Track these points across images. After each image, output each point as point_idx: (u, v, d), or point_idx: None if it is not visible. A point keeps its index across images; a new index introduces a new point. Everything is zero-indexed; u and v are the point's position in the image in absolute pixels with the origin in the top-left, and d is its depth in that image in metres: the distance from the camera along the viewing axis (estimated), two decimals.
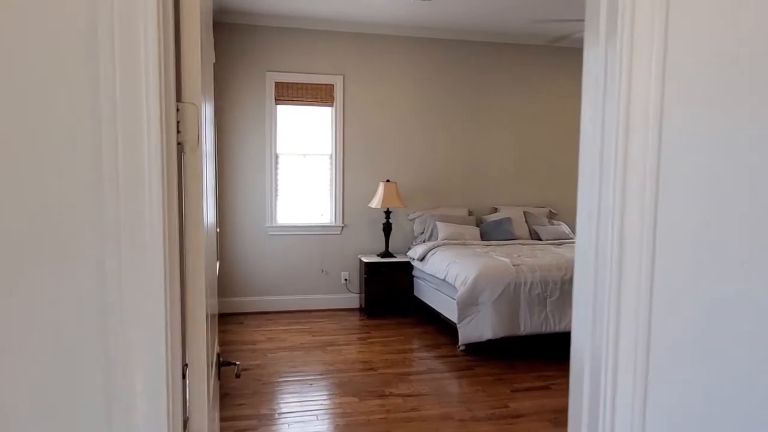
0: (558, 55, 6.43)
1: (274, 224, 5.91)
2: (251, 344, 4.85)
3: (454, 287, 4.56)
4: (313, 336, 5.11)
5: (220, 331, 5.17)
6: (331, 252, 6.07)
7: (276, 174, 5.90)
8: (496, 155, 6.39)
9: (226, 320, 5.54)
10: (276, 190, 5.91)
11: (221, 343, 4.83)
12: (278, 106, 5.85)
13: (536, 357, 4.50)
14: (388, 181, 5.78)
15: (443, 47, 6.14)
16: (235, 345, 4.82)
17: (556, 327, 4.36)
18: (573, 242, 5.99)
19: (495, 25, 5.84)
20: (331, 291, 6.11)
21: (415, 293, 5.79)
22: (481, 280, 4.32)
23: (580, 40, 6.33)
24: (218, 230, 5.54)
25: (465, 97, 6.26)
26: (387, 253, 5.88)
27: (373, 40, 5.98)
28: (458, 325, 4.35)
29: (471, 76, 6.25)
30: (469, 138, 6.31)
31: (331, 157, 6.02)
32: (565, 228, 6.12)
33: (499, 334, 4.25)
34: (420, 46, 6.09)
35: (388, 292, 5.78)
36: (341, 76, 5.93)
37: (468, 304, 4.31)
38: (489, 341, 4.31)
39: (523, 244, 5.60)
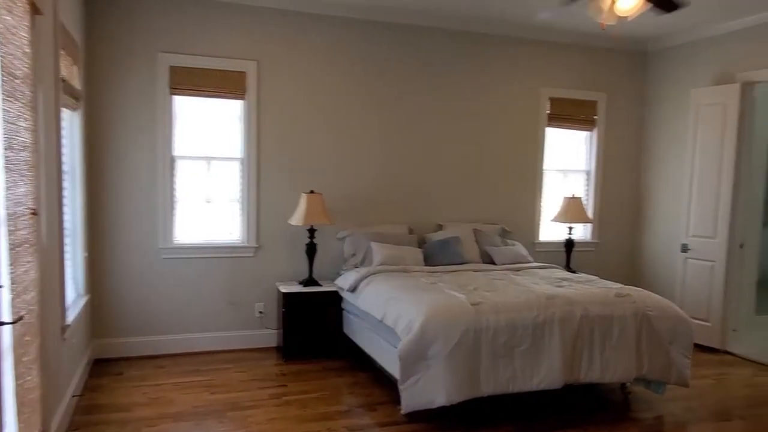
0: (520, 50, 5.51)
1: (169, 245, 4.62)
2: (124, 411, 3.55)
3: (396, 333, 3.48)
4: (212, 393, 3.87)
5: (89, 387, 3.87)
6: (241, 279, 4.84)
7: (172, 182, 4.62)
8: (441, 164, 5.38)
9: (100, 370, 4.21)
10: (172, 202, 4.63)
11: (83, 409, 3.53)
12: (175, 97, 4.58)
13: (503, 422, 3.50)
14: (312, 192, 4.64)
15: (383, 33, 5.07)
16: (102, 413, 3.51)
17: (526, 384, 3.36)
18: (533, 267, 5.10)
19: (449, 6, 4.84)
20: (242, 327, 4.88)
21: (345, 331, 4.66)
22: (430, 327, 3.25)
23: (551, 31, 5.43)
24: (86, 255, 4.21)
25: (407, 96, 5.20)
26: (311, 281, 4.73)
27: (297, 19, 4.82)
28: (401, 387, 3.27)
29: (415, 71, 5.20)
30: (410, 144, 5.26)
31: (242, 162, 4.80)
32: (521, 249, 5.18)
33: (456, 398, 3.20)
34: (355, 29, 4.99)
35: (312, 328, 4.62)
36: (255, 62, 4.73)
37: (414, 358, 3.23)
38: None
39: (476, 270, 4.59)
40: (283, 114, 4.84)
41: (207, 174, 4.74)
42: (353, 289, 4.34)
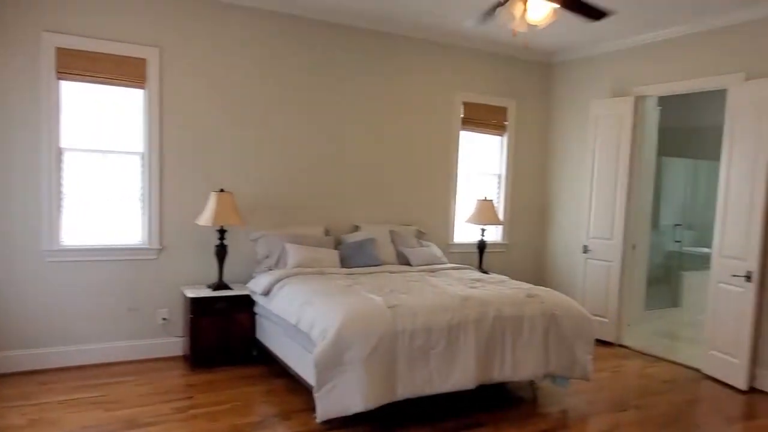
0: (437, 54, 5.60)
1: (54, 247, 4.21)
2: None
3: (311, 338, 3.40)
4: (106, 411, 3.57)
5: None
6: (143, 283, 4.54)
7: (59, 177, 4.21)
8: (357, 165, 5.35)
9: None
10: (59, 199, 4.23)
11: None
12: (62, 83, 4.18)
13: (418, 425, 3.52)
14: (222, 191, 4.44)
15: (301, 29, 4.96)
16: None
17: (441, 386, 3.40)
18: (447, 268, 5.21)
19: (366, 5, 4.82)
20: (143, 335, 4.58)
21: (259, 336, 4.50)
22: (347, 331, 3.21)
23: (466, 37, 5.53)
24: None
25: (324, 96, 5.12)
26: (221, 284, 4.52)
27: (204, 5, 4.58)
28: (316, 395, 3.20)
29: (332, 70, 5.13)
30: (327, 143, 5.19)
31: (143, 157, 4.50)
32: (435, 250, 5.27)
33: (372, 403, 3.17)
34: (271, 22, 4.83)
35: (223, 335, 4.42)
36: (157, 49, 4.44)
37: (330, 365, 3.17)
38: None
39: (393, 272, 4.61)
40: (189, 107, 4.59)
41: (103, 169, 4.39)
42: (267, 293, 4.20)
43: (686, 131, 7.52)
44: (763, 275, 4.33)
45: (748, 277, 4.30)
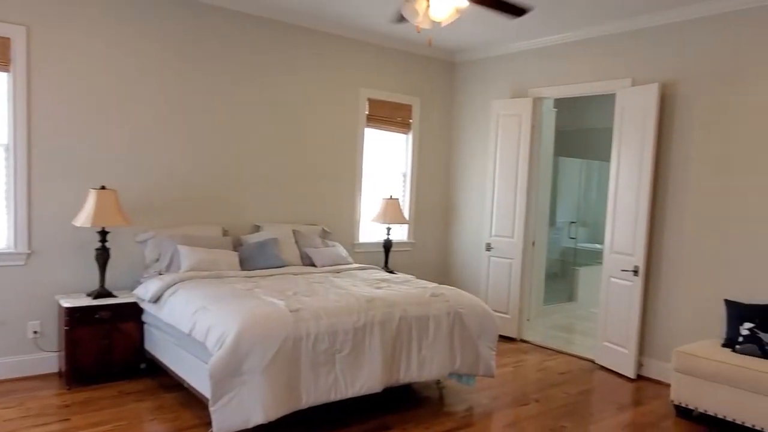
0: (341, 49, 5.51)
1: None
2: None
3: (206, 348, 3.20)
4: None
5: None
6: (9, 293, 4.06)
7: None
8: (259, 161, 5.15)
9: None
10: None
11: None
12: None
13: (323, 431, 3.43)
14: (103, 188, 4.08)
15: (195, 16, 4.66)
16: None
17: (348, 391, 3.33)
18: (353, 269, 5.14)
19: None
20: (12, 351, 4.10)
21: (148, 347, 4.19)
22: (246, 338, 3.04)
23: (371, 32, 5.48)
24: None
25: (221, 86, 4.86)
26: (103, 292, 4.15)
27: None
28: (212, 409, 3.00)
29: (230, 60, 4.89)
30: (224, 137, 4.94)
31: (7, 149, 4.03)
32: (341, 250, 5.19)
33: (274, 413, 3.03)
34: (162, 6, 4.51)
35: (105, 348, 4.06)
36: (24, 28, 3.98)
37: (227, 375, 2.99)
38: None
39: (296, 274, 4.47)
40: (64, 93, 4.17)
41: None
42: (156, 300, 3.91)
43: (580, 133, 8.01)
44: (649, 269, 4.67)
45: (635, 272, 4.61)
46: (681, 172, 4.51)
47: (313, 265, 4.87)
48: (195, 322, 3.37)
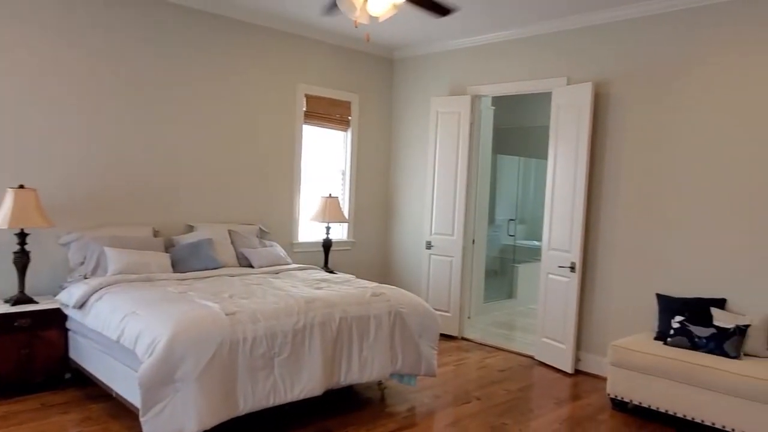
0: (278, 43, 5.40)
1: None
2: None
3: (136, 355, 3.06)
4: None
5: None
6: None
7: None
8: (191, 158, 4.98)
9: None
10: None
11: None
12: None
13: None
14: (22, 187, 3.84)
15: (125, 4, 4.46)
16: None
17: (287, 395, 3.26)
18: (292, 269, 5.05)
19: None
20: None
21: (73, 356, 3.97)
22: (178, 344, 2.93)
23: (308, 26, 5.38)
24: None
25: (150, 78, 4.66)
26: (23, 298, 3.90)
27: None
28: (143, 419, 2.87)
29: (161, 51, 4.70)
30: (154, 132, 4.74)
31: None
32: (279, 250, 5.10)
33: (209, 421, 2.93)
34: None
35: (25, 357, 3.81)
36: None
37: (158, 383, 2.87)
38: None
39: (232, 276, 4.35)
40: None
41: None
42: (81, 305, 3.71)
43: (518, 130, 8.21)
44: (585, 266, 4.83)
45: (572, 268, 4.76)
46: (614, 170, 4.69)
47: (251, 266, 4.76)
48: (123, 328, 3.22)
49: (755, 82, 3.96)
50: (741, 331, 3.71)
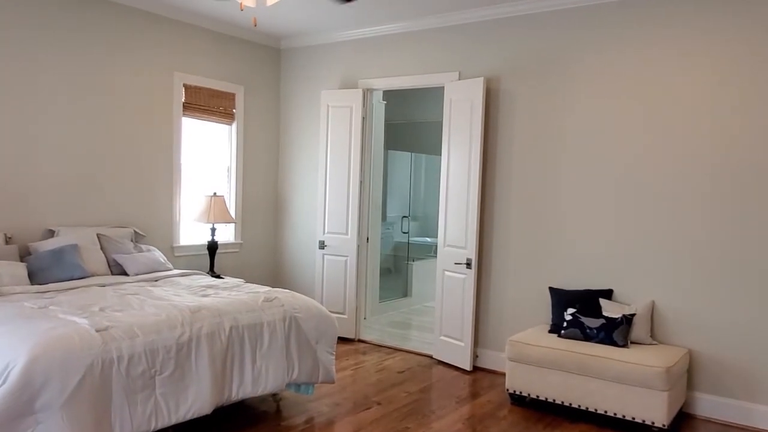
0: (153, 26, 4.99)
1: None
2: None
3: None
4: None
5: None
6: None
7: None
8: (53, 153, 4.47)
9: None
10: None
11: None
12: None
13: None
14: None
15: None
16: None
17: (171, 418, 3.00)
18: (174, 275, 4.70)
19: None
20: None
21: None
22: (38, 370, 2.58)
23: (187, 11, 5.05)
24: None
25: (5, 65, 4.15)
26: None
27: None
28: None
29: (19, 31, 4.18)
30: (5, 124, 4.22)
31: None
32: (158, 255, 4.74)
33: None
34: None
35: None
36: None
37: (15, 416, 2.50)
38: None
39: (104, 286, 3.96)
40: None
41: None
42: None
43: (410, 126, 8.32)
44: (481, 262, 4.97)
45: (468, 264, 4.88)
46: (506, 166, 4.86)
47: (125, 273, 4.38)
48: None
49: (631, 79, 4.26)
50: (627, 320, 3.98)
